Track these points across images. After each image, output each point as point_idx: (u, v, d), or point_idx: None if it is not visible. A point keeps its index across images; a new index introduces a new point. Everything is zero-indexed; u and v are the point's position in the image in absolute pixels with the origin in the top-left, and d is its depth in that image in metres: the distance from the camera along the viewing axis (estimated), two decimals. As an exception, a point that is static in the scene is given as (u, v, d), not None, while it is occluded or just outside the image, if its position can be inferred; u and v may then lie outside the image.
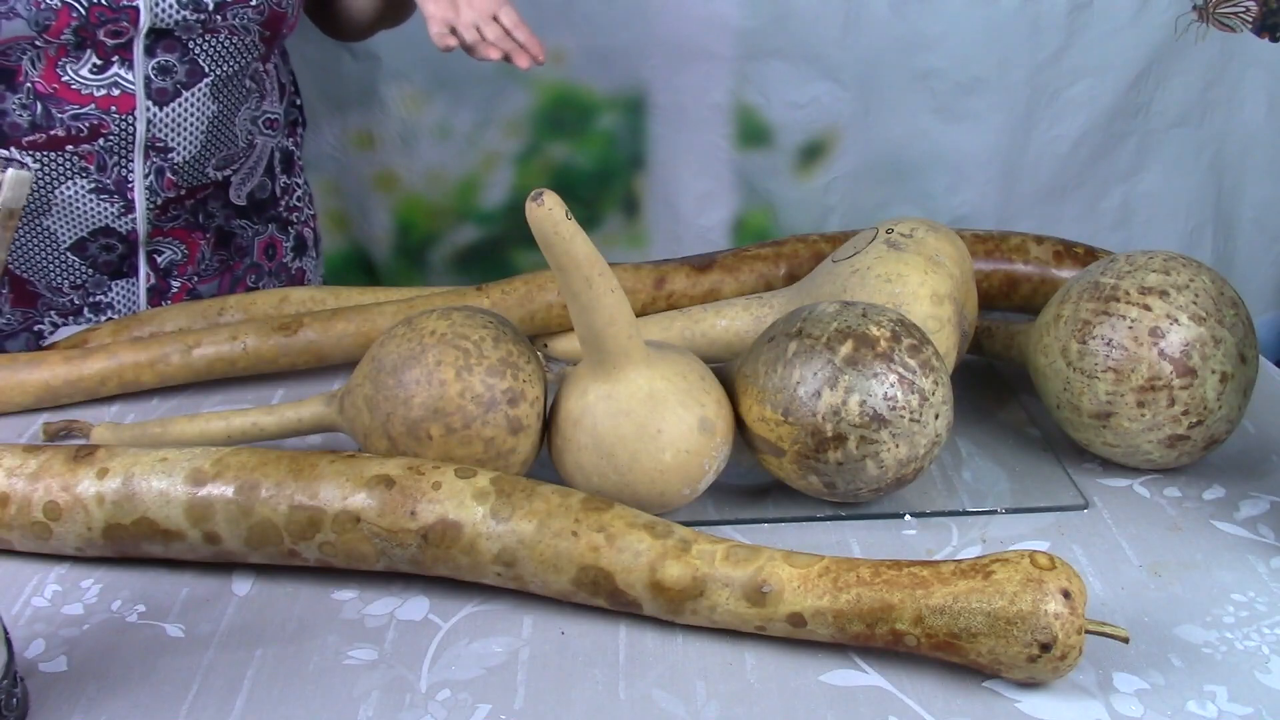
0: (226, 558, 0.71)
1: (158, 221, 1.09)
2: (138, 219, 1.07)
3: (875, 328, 0.73)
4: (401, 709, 0.62)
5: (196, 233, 1.13)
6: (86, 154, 1.01)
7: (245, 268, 1.19)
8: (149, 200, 1.06)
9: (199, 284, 1.15)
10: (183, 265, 1.13)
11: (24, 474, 0.72)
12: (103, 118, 1.00)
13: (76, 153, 1.01)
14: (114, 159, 1.02)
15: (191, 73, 1.02)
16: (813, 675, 0.64)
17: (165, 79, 1.01)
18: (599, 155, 1.64)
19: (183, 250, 1.12)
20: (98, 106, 1.00)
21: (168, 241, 1.11)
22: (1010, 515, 0.78)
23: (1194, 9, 1.58)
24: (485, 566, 0.68)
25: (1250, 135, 1.66)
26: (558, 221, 0.68)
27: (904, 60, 1.57)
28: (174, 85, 1.02)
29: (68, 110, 0.99)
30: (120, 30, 0.97)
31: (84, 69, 0.98)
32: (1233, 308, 0.77)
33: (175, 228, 1.11)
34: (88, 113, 1.00)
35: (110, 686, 0.64)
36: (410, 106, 1.60)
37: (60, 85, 0.98)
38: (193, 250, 1.13)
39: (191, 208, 1.11)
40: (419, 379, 0.73)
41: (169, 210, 1.09)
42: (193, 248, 1.13)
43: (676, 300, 0.97)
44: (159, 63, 1.00)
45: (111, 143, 1.02)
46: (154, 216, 1.08)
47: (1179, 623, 0.67)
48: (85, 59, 0.98)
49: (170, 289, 1.14)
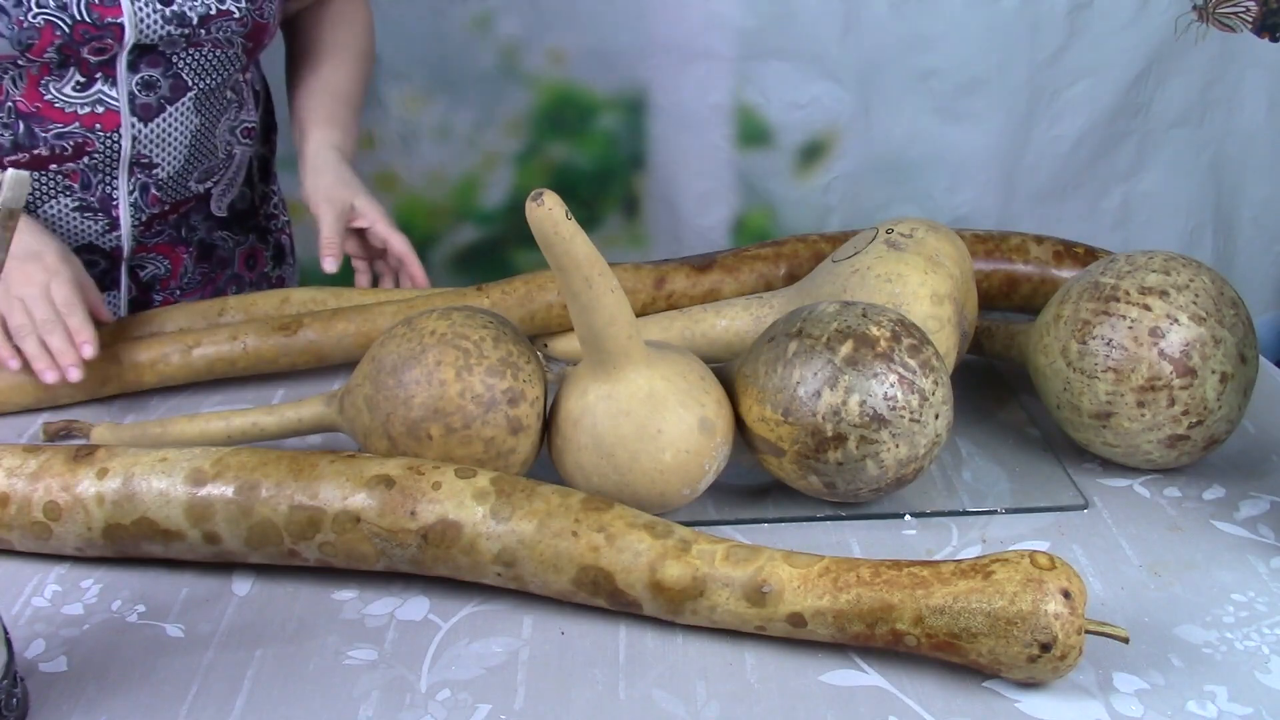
0: (226, 558, 0.71)
1: (142, 238, 1.07)
2: (123, 236, 1.05)
3: (875, 328, 0.73)
4: (401, 709, 0.62)
5: (180, 247, 1.11)
6: (70, 172, 1.00)
7: (227, 279, 1.18)
8: (134, 217, 1.04)
9: (181, 297, 1.14)
10: (165, 280, 1.12)
11: (24, 474, 0.72)
12: (87, 136, 0.98)
13: (60, 171, 0.99)
14: (98, 177, 1.01)
15: (175, 87, 1.00)
16: (813, 675, 0.64)
17: (149, 94, 0.99)
18: (599, 155, 1.64)
19: (165, 265, 1.11)
20: (82, 125, 0.97)
21: (151, 257, 1.10)
22: (1010, 515, 0.78)
23: (1194, 9, 1.57)
24: (485, 566, 0.68)
25: (1250, 135, 1.66)
26: (558, 221, 0.68)
27: (904, 60, 1.57)
28: (158, 100, 1.00)
29: (51, 129, 0.97)
30: (104, 47, 0.95)
31: (67, 87, 0.96)
32: (1233, 308, 0.77)
33: (159, 243, 1.09)
34: (72, 131, 0.97)
35: (110, 686, 0.64)
36: (410, 106, 1.60)
37: (43, 104, 0.96)
38: (176, 264, 1.11)
39: (175, 222, 1.10)
40: (419, 379, 0.73)
41: (153, 226, 1.07)
42: (176, 262, 1.11)
43: (676, 300, 0.97)
44: (143, 78, 0.98)
45: (96, 160, 1.00)
46: (138, 233, 1.06)
47: (1179, 623, 0.67)
48: (68, 77, 0.96)
49: (153, 303, 1.12)
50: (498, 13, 1.55)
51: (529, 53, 1.58)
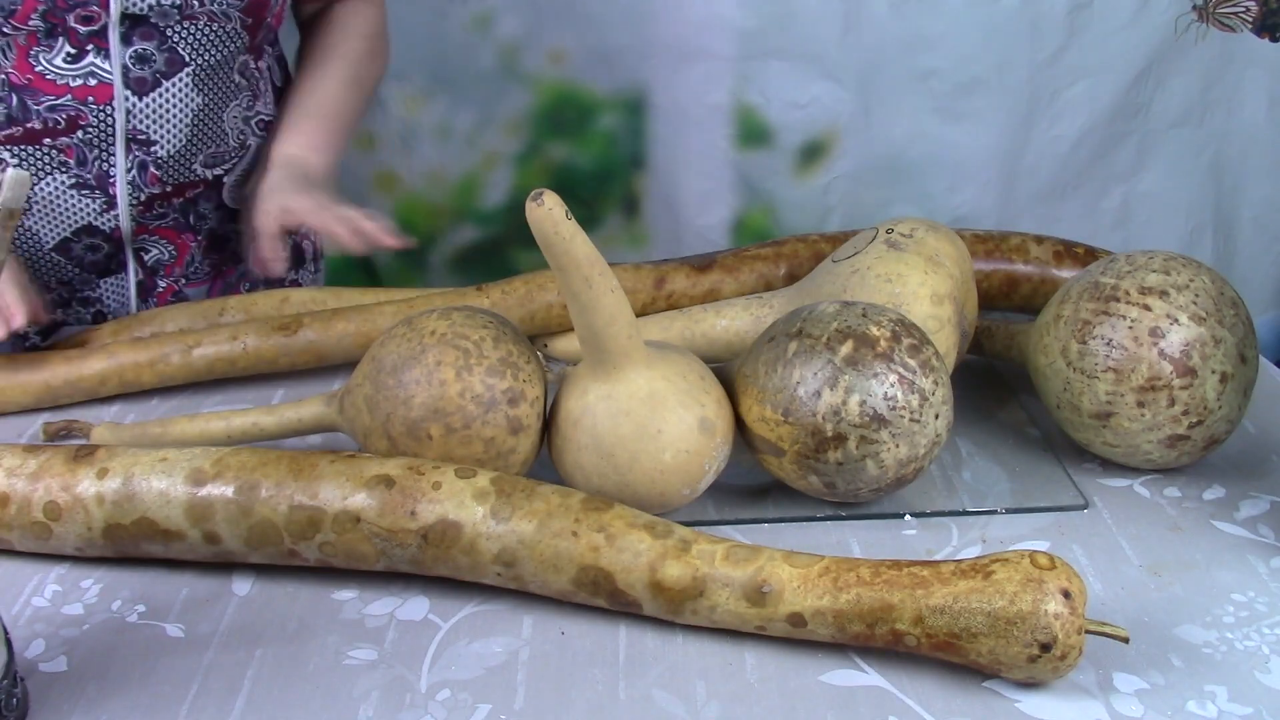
0: (226, 558, 0.71)
1: (142, 219, 1.07)
2: (120, 215, 1.04)
3: (875, 328, 0.73)
4: (401, 709, 0.62)
5: (187, 234, 1.11)
6: (65, 147, 0.99)
7: (238, 275, 1.18)
8: (131, 195, 1.04)
9: (186, 286, 1.13)
10: (170, 265, 1.11)
11: (24, 474, 0.72)
12: (80, 108, 0.98)
13: (55, 146, 0.99)
14: (94, 152, 1.00)
15: (171, 61, 1.00)
16: (813, 675, 0.64)
17: (144, 68, 0.99)
18: (599, 155, 1.64)
19: (170, 250, 1.10)
20: (74, 97, 0.97)
21: (154, 240, 1.10)
22: (1010, 515, 0.78)
23: (1194, 9, 1.57)
24: (485, 566, 0.68)
25: (1250, 135, 1.66)
26: (558, 221, 0.68)
27: (904, 60, 1.57)
28: (153, 75, 0.99)
29: (44, 101, 0.97)
30: (91, 15, 0.94)
31: (58, 58, 0.96)
32: (1233, 308, 0.77)
33: (162, 226, 1.09)
34: (64, 104, 0.97)
35: (110, 686, 0.64)
36: (410, 106, 1.60)
37: (35, 75, 0.96)
38: (181, 251, 1.11)
39: (181, 207, 1.09)
40: (419, 379, 0.73)
41: (154, 207, 1.07)
42: (182, 249, 1.11)
43: (676, 300, 0.97)
44: (136, 51, 0.98)
45: (91, 135, 0.99)
46: (138, 213, 1.06)
47: (1179, 623, 0.67)
48: (58, 48, 0.95)
49: (156, 287, 1.12)
50: (498, 13, 1.55)
51: (529, 53, 1.58)
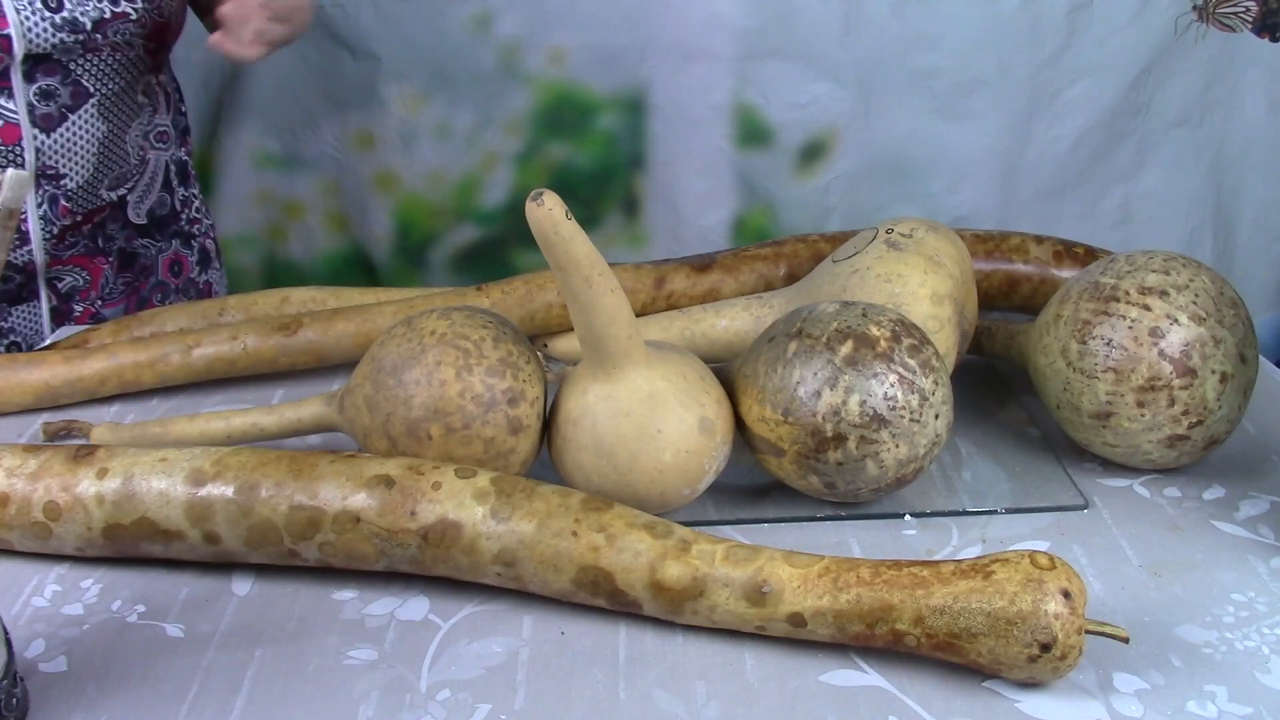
0: (226, 558, 0.71)
1: (55, 251, 1.05)
2: (34, 249, 1.03)
3: (875, 328, 0.73)
4: (401, 709, 0.62)
5: (99, 258, 1.09)
6: None
7: (151, 287, 1.16)
8: (44, 230, 1.02)
9: (103, 308, 1.12)
10: (85, 290, 1.10)
11: (24, 474, 0.72)
12: None
13: None
14: None
15: (76, 94, 0.98)
16: (813, 675, 0.64)
17: (49, 104, 0.97)
18: (599, 155, 1.64)
19: (84, 277, 1.09)
20: None
21: (68, 270, 1.08)
22: (1010, 515, 0.78)
23: (1194, 9, 1.58)
24: (485, 566, 0.68)
25: (1250, 135, 1.66)
26: (558, 221, 0.68)
27: (904, 60, 1.57)
28: (59, 110, 0.97)
29: None
30: None
31: None
32: (1233, 308, 0.77)
33: (75, 255, 1.07)
34: None
35: (110, 686, 0.64)
36: (410, 106, 1.60)
37: None
38: (95, 275, 1.09)
39: (89, 232, 1.08)
40: (419, 379, 0.73)
41: (66, 238, 1.05)
42: (95, 273, 1.09)
43: (676, 300, 0.97)
44: (40, 87, 0.96)
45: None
46: (51, 246, 1.04)
47: (1179, 623, 0.67)
48: None
49: (73, 313, 1.10)
50: (498, 13, 1.56)
51: (529, 53, 1.58)
